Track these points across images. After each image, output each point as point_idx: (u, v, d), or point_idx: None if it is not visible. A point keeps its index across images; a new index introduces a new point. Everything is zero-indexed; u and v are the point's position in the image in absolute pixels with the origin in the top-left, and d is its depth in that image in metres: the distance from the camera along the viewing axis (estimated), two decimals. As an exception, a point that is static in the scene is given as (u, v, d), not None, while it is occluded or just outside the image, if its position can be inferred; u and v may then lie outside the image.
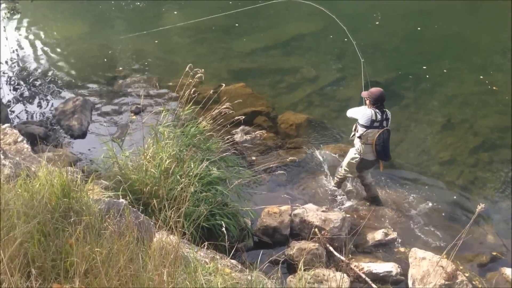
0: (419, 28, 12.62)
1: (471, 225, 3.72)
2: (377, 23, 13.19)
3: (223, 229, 3.58)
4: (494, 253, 5.58)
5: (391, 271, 5.05)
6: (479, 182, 6.94)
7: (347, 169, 6.23)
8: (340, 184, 6.53)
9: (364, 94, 5.86)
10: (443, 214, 6.29)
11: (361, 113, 5.76)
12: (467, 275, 5.00)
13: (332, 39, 11.49)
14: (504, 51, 11.41)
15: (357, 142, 5.95)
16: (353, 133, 6.03)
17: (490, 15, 13.90)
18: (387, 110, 5.79)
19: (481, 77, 10.17)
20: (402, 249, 5.56)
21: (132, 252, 2.96)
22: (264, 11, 13.83)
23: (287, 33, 12.29)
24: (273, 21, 13.19)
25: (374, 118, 5.67)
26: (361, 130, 5.78)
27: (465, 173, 7.07)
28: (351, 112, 6.02)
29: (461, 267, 5.16)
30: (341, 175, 6.39)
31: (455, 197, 6.59)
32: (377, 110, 5.70)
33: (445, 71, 10.26)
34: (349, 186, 6.68)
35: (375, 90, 5.77)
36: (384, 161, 6.02)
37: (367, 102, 5.83)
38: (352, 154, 6.09)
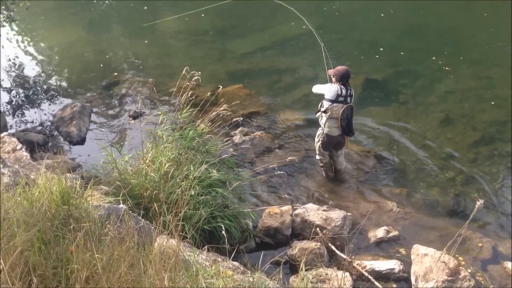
0: (423, 13, 12.62)
1: (471, 220, 3.72)
2: (336, 13, 13.22)
3: (223, 232, 3.59)
4: (496, 247, 5.56)
5: (393, 269, 5.05)
6: (480, 177, 6.92)
7: (318, 153, 6.57)
8: (327, 172, 6.72)
9: (330, 71, 6.18)
10: (444, 209, 6.29)
11: (328, 88, 6.08)
12: (469, 270, 5.00)
13: (328, 37, 11.51)
14: (499, 45, 11.40)
15: (322, 118, 6.22)
16: (318, 110, 6.27)
17: (483, 10, 13.90)
18: (351, 88, 6.10)
19: (434, 57, 10.39)
20: (404, 246, 5.54)
21: (133, 257, 2.96)
22: (259, 11, 13.85)
23: (283, 33, 12.29)
24: (268, 21, 13.19)
25: (339, 92, 5.98)
26: (326, 104, 6.07)
27: (465, 168, 7.06)
28: (317, 88, 6.32)
29: (463, 262, 5.15)
30: (321, 164, 6.70)
31: (456, 192, 6.58)
32: (342, 86, 6.00)
33: (447, 67, 10.25)
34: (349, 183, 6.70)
35: (341, 68, 6.09)
36: (348, 137, 6.34)
37: (333, 79, 6.12)
38: (317, 134, 6.45)
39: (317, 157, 6.65)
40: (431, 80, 9.80)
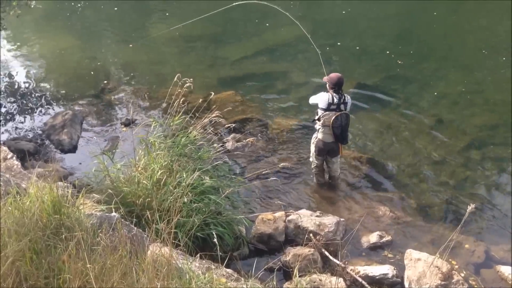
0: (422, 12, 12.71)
1: (463, 224, 3.73)
2: (299, 14, 13.28)
3: (215, 240, 3.58)
4: (488, 251, 5.58)
5: (387, 274, 5.05)
6: (471, 181, 6.96)
7: (312, 157, 6.61)
8: (318, 177, 6.75)
9: (325, 79, 6.26)
10: (437, 214, 6.30)
11: (320, 98, 6.18)
12: (462, 274, 5.01)
13: (320, 43, 11.55)
14: (487, 50, 11.50)
15: (316, 125, 6.32)
16: (314, 118, 6.39)
17: (470, 14, 14.07)
18: (346, 95, 6.17)
19: (392, 55, 10.55)
20: (397, 251, 5.55)
21: (125, 266, 2.94)
22: (251, 17, 13.89)
23: (275, 38, 12.35)
24: (260, 27, 13.24)
25: (331, 101, 6.06)
26: (319, 113, 6.19)
27: (456, 172, 7.10)
28: (313, 99, 6.41)
29: (456, 267, 5.17)
30: (313, 168, 6.73)
31: (448, 196, 6.61)
32: (334, 94, 6.08)
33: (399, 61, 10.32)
34: (342, 188, 6.71)
35: (333, 75, 6.17)
36: (342, 144, 6.40)
37: (327, 86, 6.21)
38: (313, 136, 6.50)
39: (311, 159, 6.69)
40: (422, 84, 9.88)
